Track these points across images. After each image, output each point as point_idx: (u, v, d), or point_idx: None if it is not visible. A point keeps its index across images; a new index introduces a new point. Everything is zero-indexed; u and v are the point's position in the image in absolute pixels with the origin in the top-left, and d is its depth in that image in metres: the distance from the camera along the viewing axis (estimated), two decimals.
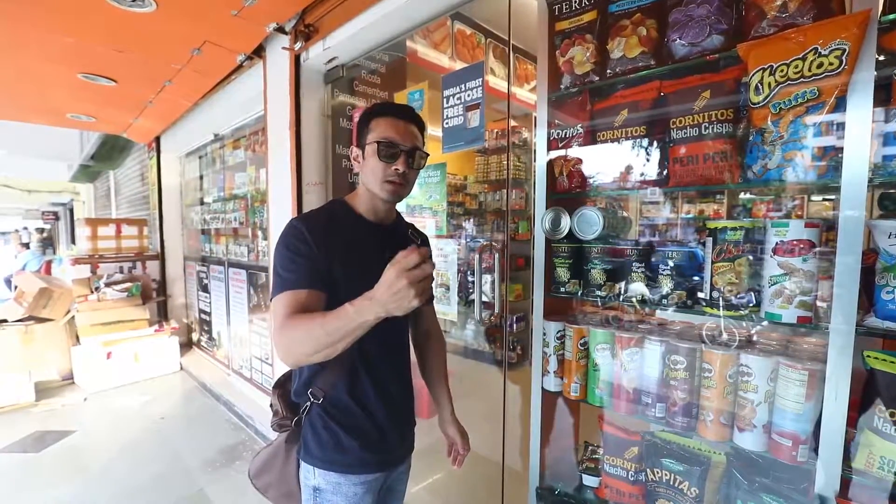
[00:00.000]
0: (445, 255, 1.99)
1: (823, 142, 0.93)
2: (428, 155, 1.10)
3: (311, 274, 0.94)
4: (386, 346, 1.08)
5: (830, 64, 0.89)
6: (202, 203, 4.67)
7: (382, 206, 1.08)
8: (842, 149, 0.89)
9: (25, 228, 12.46)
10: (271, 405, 1.14)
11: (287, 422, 1.07)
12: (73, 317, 4.09)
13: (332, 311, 0.81)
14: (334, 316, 0.79)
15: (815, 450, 0.95)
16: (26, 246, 7.97)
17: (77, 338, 4.08)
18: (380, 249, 1.07)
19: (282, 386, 1.15)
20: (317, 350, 0.83)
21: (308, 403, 1.04)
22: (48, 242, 11.62)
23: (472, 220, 4.47)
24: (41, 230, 11.94)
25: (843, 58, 0.87)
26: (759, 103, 1.00)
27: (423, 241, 1.25)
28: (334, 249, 0.99)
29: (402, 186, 1.04)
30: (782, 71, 0.95)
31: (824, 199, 1.54)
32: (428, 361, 1.33)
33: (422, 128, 1.10)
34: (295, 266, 0.94)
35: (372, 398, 1.06)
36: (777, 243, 0.98)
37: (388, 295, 0.73)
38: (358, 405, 1.05)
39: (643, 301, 1.24)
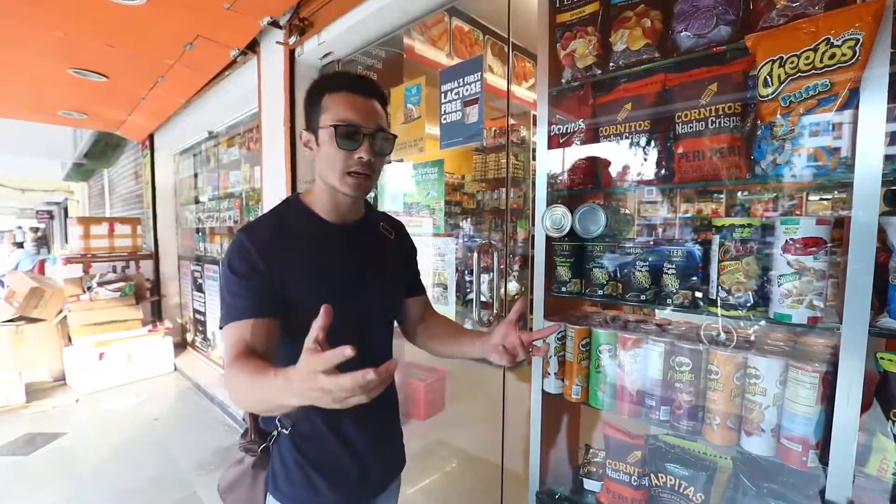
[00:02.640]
0: (443, 254, 1.96)
1: (835, 136, 0.89)
2: (395, 137, 0.93)
3: (258, 299, 0.81)
4: (367, 362, 0.92)
5: (843, 55, 0.85)
6: (197, 202, 4.61)
7: (345, 201, 0.92)
8: (854, 143, 0.85)
9: (20, 228, 12.35)
10: (244, 419, 1.02)
11: (254, 447, 0.95)
12: (64, 317, 4.03)
13: (269, 372, 0.66)
14: (261, 383, 0.67)
15: (826, 454, 0.92)
16: (20, 245, 7.89)
17: (69, 338, 4.02)
18: (343, 255, 0.93)
19: None
20: (256, 410, 0.79)
21: (276, 432, 0.92)
22: (42, 241, 11.52)
23: (469, 219, 4.43)
24: (35, 229, 11.84)
25: (857, 48, 0.84)
26: (768, 96, 0.96)
27: (398, 232, 1.09)
28: (287, 263, 0.85)
29: (367, 178, 0.88)
30: (792, 62, 0.92)
31: (821, 199, 1.52)
32: (438, 335, 1.09)
33: (383, 102, 0.92)
34: (239, 290, 0.81)
35: (349, 423, 0.93)
36: (787, 241, 0.95)
37: (304, 389, 0.57)
38: (333, 434, 0.92)
39: (647, 301, 1.20)
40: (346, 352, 0.53)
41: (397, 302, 1.09)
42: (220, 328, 0.84)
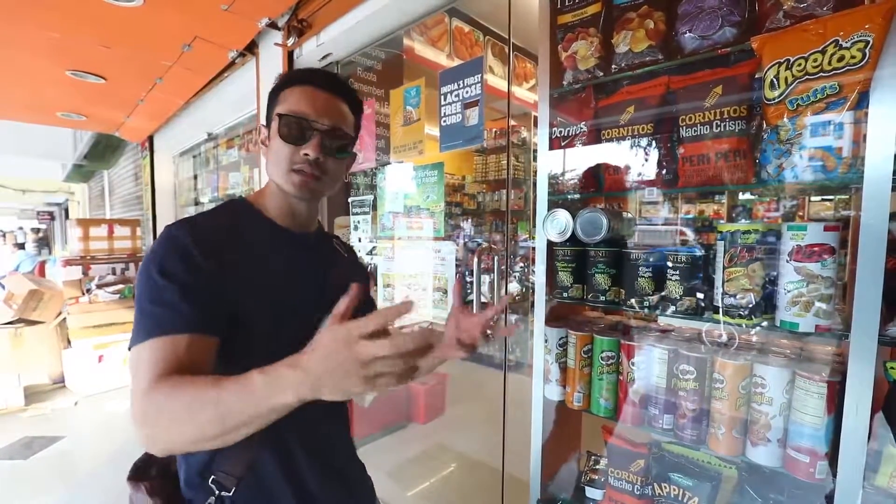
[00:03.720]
0: (443, 256, 1.94)
1: (845, 140, 0.87)
2: (355, 139, 0.85)
3: (197, 308, 0.63)
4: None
5: (853, 57, 0.83)
6: (196, 203, 4.60)
7: (300, 205, 0.82)
8: (864, 147, 0.83)
9: (21, 228, 12.37)
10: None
11: None
12: (63, 319, 4.01)
13: (228, 378, 0.53)
14: (234, 389, 0.51)
15: (834, 466, 0.90)
16: (21, 246, 7.89)
17: (68, 340, 4.01)
18: (305, 267, 0.82)
19: (147, 475, 0.77)
20: (203, 438, 0.53)
21: (211, 499, 0.69)
22: (44, 242, 11.54)
23: (470, 221, 4.42)
24: (37, 230, 11.86)
25: (867, 50, 0.82)
26: (774, 99, 0.94)
27: (350, 253, 0.97)
28: (239, 269, 0.70)
29: (316, 179, 0.77)
30: (800, 65, 0.90)
31: (823, 200, 1.49)
32: None
33: (354, 106, 0.84)
34: (171, 298, 0.63)
35: (302, 459, 0.76)
36: (794, 247, 0.92)
37: (325, 368, 0.47)
38: (288, 480, 0.74)
39: (650, 307, 1.18)
40: (409, 306, 0.48)
41: None
42: (130, 348, 0.63)
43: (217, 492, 0.69)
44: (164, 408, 0.55)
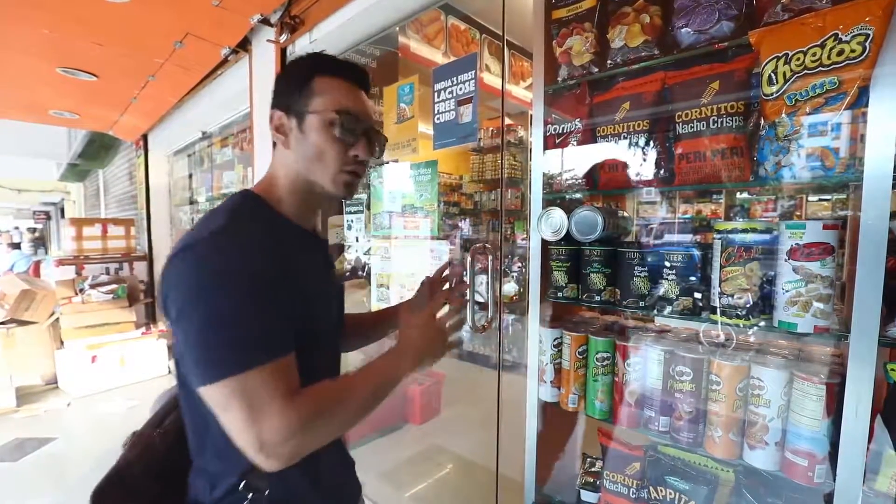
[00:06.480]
0: (437, 257, 1.91)
1: (844, 137, 0.85)
2: (386, 140, 0.86)
3: (285, 324, 0.64)
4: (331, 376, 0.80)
5: (852, 51, 0.81)
6: (191, 202, 4.56)
7: (318, 202, 0.80)
8: (864, 144, 0.81)
9: (16, 228, 12.29)
10: None
11: None
12: (56, 319, 3.98)
13: (365, 369, 0.68)
14: (380, 372, 0.67)
15: (834, 469, 0.88)
16: (16, 246, 7.82)
17: (61, 341, 3.97)
18: (320, 267, 0.81)
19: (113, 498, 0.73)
20: (351, 423, 0.66)
21: (249, 495, 0.67)
22: (40, 242, 11.47)
23: (467, 220, 4.39)
24: (33, 230, 11.79)
25: (867, 44, 0.80)
26: (772, 95, 0.92)
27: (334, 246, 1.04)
28: (287, 277, 0.68)
29: (359, 179, 0.77)
30: (798, 59, 0.88)
31: (821, 200, 1.48)
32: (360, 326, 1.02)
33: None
34: (261, 315, 0.61)
35: (321, 454, 0.70)
36: (792, 246, 0.90)
37: (423, 343, 0.66)
38: (308, 476, 0.73)
39: (646, 307, 1.16)
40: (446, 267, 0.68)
41: None
42: (217, 380, 0.57)
43: (251, 494, 0.67)
44: (323, 406, 0.62)
